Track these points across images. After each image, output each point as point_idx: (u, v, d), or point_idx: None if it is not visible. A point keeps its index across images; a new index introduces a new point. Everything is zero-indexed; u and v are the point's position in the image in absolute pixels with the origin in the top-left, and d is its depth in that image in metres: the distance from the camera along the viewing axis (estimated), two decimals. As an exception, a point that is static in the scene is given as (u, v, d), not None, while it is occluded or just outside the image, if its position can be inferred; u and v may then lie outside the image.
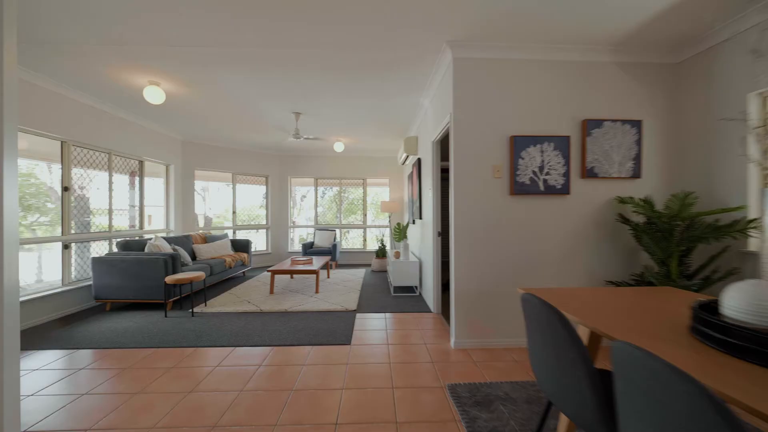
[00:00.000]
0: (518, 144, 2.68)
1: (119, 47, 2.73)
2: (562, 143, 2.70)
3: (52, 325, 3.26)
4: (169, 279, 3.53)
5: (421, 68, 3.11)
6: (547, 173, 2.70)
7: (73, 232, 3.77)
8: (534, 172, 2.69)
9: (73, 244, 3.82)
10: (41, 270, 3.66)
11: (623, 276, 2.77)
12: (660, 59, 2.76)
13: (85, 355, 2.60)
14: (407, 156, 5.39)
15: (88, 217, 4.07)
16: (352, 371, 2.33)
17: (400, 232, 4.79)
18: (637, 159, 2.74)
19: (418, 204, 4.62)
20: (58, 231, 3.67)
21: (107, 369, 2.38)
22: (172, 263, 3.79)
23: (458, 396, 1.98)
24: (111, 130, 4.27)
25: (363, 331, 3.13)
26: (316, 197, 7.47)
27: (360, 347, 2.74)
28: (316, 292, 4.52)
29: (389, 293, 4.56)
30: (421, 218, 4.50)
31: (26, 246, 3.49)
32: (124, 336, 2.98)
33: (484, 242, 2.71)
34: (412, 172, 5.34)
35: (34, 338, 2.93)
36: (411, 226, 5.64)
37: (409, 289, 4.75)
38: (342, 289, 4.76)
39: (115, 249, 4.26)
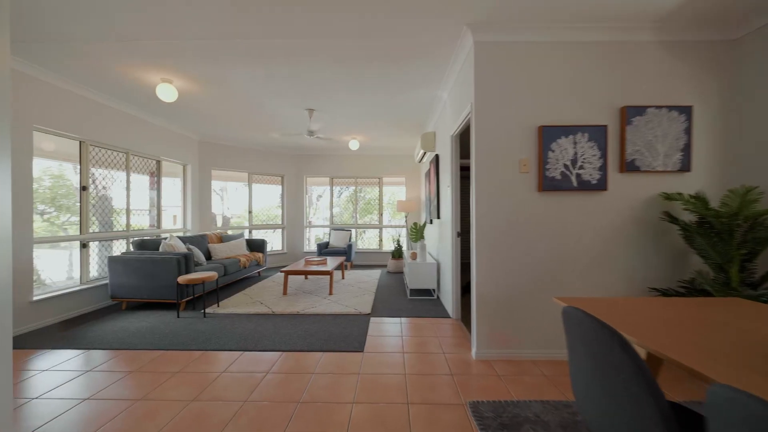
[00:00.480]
0: (548, 135, 2.42)
1: (125, 44, 2.68)
2: (598, 133, 2.42)
3: (68, 324, 3.27)
4: (182, 279, 3.48)
5: (438, 56, 2.90)
6: (581, 167, 2.42)
7: (96, 230, 3.81)
8: (566, 166, 2.43)
9: (93, 243, 3.87)
10: (71, 268, 3.77)
11: (669, 282, 2.46)
12: (713, 36, 2.43)
13: (95, 356, 2.56)
14: (424, 153, 5.18)
15: (111, 217, 4.16)
16: (365, 382, 2.15)
17: (416, 232, 4.58)
18: (686, 150, 2.42)
19: (435, 203, 4.40)
20: (88, 229, 3.73)
21: (114, 372, 2.31)
22: (185, 263, 3.76)
23: (481, 416, 1.77)
24: (128, 130, 4.30)
25: (377, 336, 2.95)
26: (332, 197, 7.38)
27: (373, 355, 2.56)
28: (330, 293, 4.39)
29: (405, 296, 4.36)
30: (439, 217, 4.28)
31: (62, 244, 3.61)
32: (136, 336, 2.94)
33: (509, 243, 2.47)
34: (429, 170, 5.12)
35: (49, 337, 2.93)
36: (428, 225, 5.42)
37: (427, 292, 4.54)
38: (356, 290, 4.61)
39: (131, 248, 4.28)
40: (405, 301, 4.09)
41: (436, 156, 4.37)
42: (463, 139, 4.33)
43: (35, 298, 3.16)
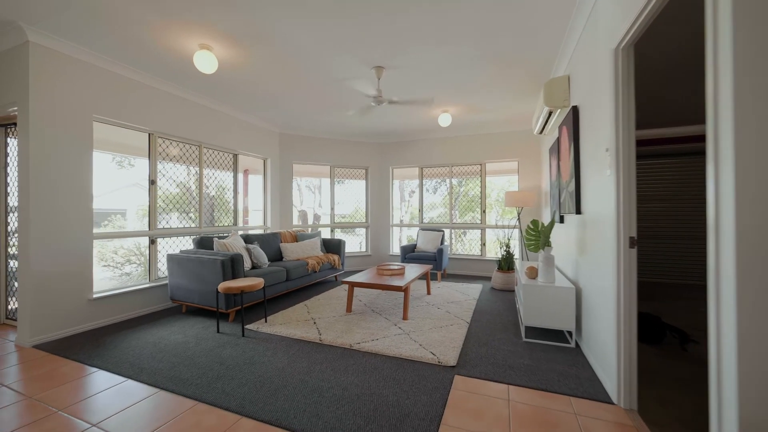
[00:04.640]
0: None
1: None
2: None
3: (121, 326, 3.03)
4: (221, 287, 2.86)
5: None
6: None
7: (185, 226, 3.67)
8: None
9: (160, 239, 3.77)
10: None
11: None
12: None
13: (92, 384, 2.04)
14: (549, 115, 3.42)
15: (213, 213, 4.33)
16: None
17: (537, 236, 2.92)
18: None
19: (573, 188, 2.68)
20: (157, 225, 3.62)
21: (78, 420, 1.68)
22: (232, 267, 3.16)
23: None
24: (200, 121, 4.08)
25: (460, 429, 1.58)
26: (421, 190, 6.15)
27: (445, 491, 1.23)
28: (404, 318, 3.18)
29: (518, 334, 2.79)
30: (579, 212, 2.56)
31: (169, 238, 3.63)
32: (156, 357, 2.38)
33: None
34: (558, 140, 3.35)
35: (89, 343, 2.65)
36: (557, 226, 3.62)
37: (557, 333, 2.84)
38: (443, 316, 3.26)
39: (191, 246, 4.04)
40: (518, 347, 2.53)
41: (573, 110, 2.65)
42: (643, 53, 2.35)
43: (95, 296, 3.01)
